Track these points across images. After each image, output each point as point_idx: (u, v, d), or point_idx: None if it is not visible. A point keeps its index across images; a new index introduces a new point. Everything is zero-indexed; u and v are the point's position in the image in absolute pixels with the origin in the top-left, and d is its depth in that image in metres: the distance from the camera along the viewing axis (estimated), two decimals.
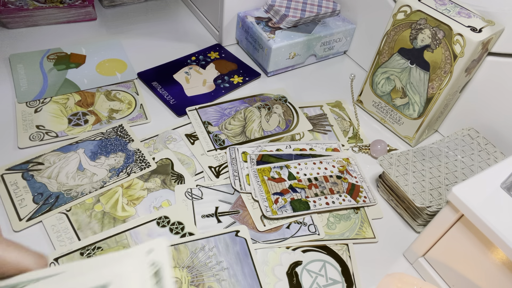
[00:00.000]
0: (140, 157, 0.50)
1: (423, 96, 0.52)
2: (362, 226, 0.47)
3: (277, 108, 0.59)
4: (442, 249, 0.40)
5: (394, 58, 0.54)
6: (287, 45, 0.62)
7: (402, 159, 0.48)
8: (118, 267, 0.21)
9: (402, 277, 0.36)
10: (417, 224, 0.47)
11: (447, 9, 0.48)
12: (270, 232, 0.45)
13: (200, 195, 0.47)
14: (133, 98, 0.58)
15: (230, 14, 0.67)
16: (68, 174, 0.47)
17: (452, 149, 0.50)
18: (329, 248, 0.44)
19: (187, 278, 0.39)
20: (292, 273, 0.42)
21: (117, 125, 0.54)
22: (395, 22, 0.51)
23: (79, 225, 0.43)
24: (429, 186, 0.46)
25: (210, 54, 0.68)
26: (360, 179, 0.51)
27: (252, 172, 0.49)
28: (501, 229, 0.32)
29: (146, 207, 0.45)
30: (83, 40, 0.67)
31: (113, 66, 0.63)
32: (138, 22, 0.74)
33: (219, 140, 0.53)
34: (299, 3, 0.66)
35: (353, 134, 0.58)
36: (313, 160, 0.51)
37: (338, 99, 0.63)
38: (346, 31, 0.67)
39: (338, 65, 0.71)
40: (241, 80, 0.64)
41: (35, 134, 0.51)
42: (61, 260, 0.40)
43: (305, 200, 0.47)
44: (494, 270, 0.36)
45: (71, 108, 0.55)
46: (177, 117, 0.57)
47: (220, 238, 0.43)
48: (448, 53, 0.47)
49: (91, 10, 0.71)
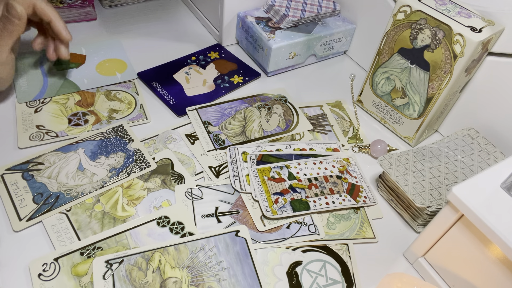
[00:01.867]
0: (140, 157, 0.50)
1: (423, 96, 0.52)
2: (362, 226, 0.47)
3: (277, 108, 0.59)
4: (442, 249, 0.40)
5: (394, 58, 0.54)
6: (287, 45, 0.62)
7: (402, 159, 0.48)
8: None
9: (402, 277, 0.36)
10: (417, 224, 0.47)
11: (447, 9, 0.48)
12: (270, 232, 0.45)
13: (200, 195, 0.47)
14: (133, 98, 0.58)
15: (230, 14, 0.67)
16: (68, 174, 0.47)
17: (452, 149, 0.50)
18: (329, 248, 0.44)
19: (187, 278, 0.39)
20: (292, 273, 0.42)
21: (117, 125, 0.54)
22: (395, 22, 0.51)
23: (79, 225, 0.43)
24: (429, 186, 0.46)
25: (210, 54, 0.68)
26: (360, 179, 0.51)
27: (252, 172, 0.49)
28: (501, 229, 0.32)
29: (146, 207, 0.45)
30: (83, 40, 0.66)
31: (113, 66, 0.63)
32: (138, 22, 0.74)
33: (219, 140, 0.54)
34: (299, 3, 0.66)
35: (353, 134, 0.58)
36: (313, 160, 0.51)
37: (338, 99, 0.63)
38: (346, 31, 0.67)
39: (338, 65, 0.71)
40: (241, 80, 0.64)
41: (35, 134, 0.51)
42: (61, 260, 0.40)
43: (305, 200, 0.47)
44: (494, 270, 0.36)
45: (71, 108, 0.55)
46: (177, 117, 0.57)
47: (220, 238, 0.43)
48: (448, 53, 0.47)
49: (91, 10, 0.71)
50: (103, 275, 0.39)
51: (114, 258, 0.40)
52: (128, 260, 0.40)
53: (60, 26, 0.49)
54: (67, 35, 0.50)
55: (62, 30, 0.49)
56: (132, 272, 0.39)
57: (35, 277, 0.38)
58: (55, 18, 0.49)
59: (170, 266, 0.40)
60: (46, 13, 0.48)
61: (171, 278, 0.39)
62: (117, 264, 0.40)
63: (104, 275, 0.39)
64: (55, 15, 0.49)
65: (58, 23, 0.49)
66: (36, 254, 0.40)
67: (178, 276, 0.39)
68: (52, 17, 0.48)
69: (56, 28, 0.49)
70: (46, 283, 0.38)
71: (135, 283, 0.39)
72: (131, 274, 0.39)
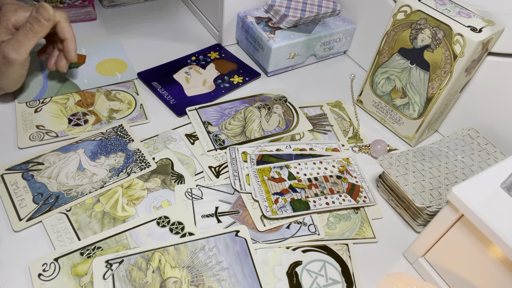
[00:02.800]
0: (140, 157, 0.50)
1: (423, 96, 0.52)
2: (362, 226, 0.47)
3: (277, 108, 0.59)
4: (442, 249, 0.40)
5: (394, 58, 0.54)
6: (287, 45, 0.62)
7: (402, 159, 0.48)
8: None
9: (402, 277, 0.36)
10: (417, 224, 0.47)
11: (447, 9, 0.48)
12: (270, 232, 0.45)
13: (200, 195, 0.47)
14: (133, 98, 0.58)
15: (230, 14, 0.67)
16: (68, 174, 0.47)
17: (452, 149, 0.50)
18: (329, 248, 0.44)
19: (187, 278, 0.39)
20: (292, 273, 0.42)
21: (117, 125, 0.54)
22: (395, 22, 0.51)
23: (79, 225, 0.43)
24: (429, 186, 0.46)
25: (210, 54, 0.68)
26: (360, 179, 0.51)
27: (252, 172, 0.49)
28: (501, 229, 0.32)
29: (146, 207, 0.45)
30: (83, 40, 0.66)
31: (113, 66, 0.63)
32: (138, 22, 0.74)
33: (219, 140, 0.53)
34: (299, 3, 0.66)
35: (353, 134, 0.58)
36: (313, 160, 0.51)
37: (338, 99, 0.63)
38: (346, 31, 0.67)
39: (338, 65, 0.71)
40: (241, 80, 0.64)
41: (35, 134, 0.51)
42: (61, 260, 0.40)
43: (305, 200, 0.47)
44: (494, 270, 0.36)
45: (71, 108, 0.55)
46: (177, 117, 0.57)
47: (220, 238, 0.43)
48: (448, 53, 0.47)
49: (91, 10, 0.71)
50: (103, 275, 0.39)
51: (114, 258, 0.40)
52: (128, 260, 0.40)
53: (72, 48, 0.53)
54: (74, 57, 0.53)
55: (72, 51, 0.53)
56: (132, 272, 0.39)
57: (35, 277, 0.38)
58: (71, 39, 0.52)
59: (170, 266, 0.40)
60: (65, 32, 0.51)
61: (171, 278, 0.39)
62: (117, 264, 0.40)
63: (104, 275, 0.39)
64: (71, 36, 0.52)
65: (72, 44, 0.52)
66: (36, 254, 0.40)
67: (178, 276, 0.40)
68: (69, 37, 0.52)
69: (68, 48, 0.52)
70: (46, 283, 0.38)
71: (135, 283, 0.39)
72: (131, 274, 0.39)
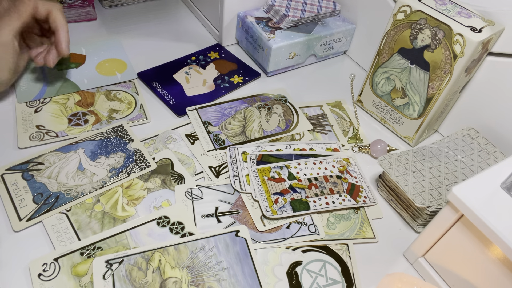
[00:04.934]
0: (140, 157, 0.50)
1: (423, 96, 0.52)
2: (362, 226, 0.47)
3: (277, 108, 0.59)
4: (442, 249, 0.40)
5: (394, 58, 0.54)
6: (287, 45, 0.62)
7: (402, 159, 0.48)
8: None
9: (402, 277, 0.36)
10: (417, 224, 0.47)
11: (447, 9, 0.48)
12: (270, 232, 0.45)
13: (200, 195, 0.47)
14: (133, 98, 0.58)
15: (230, 14, 0.67)
16: (68, 174, 0.47)
17: (452, 149, 0.50)
18: (329, 248, 0.44)
19: (187, 278, 0.39)
20: (292, 273, 0.42)
21: (117, 125, 0.54)
22: (395, 22, 0.51)
23: (79, 225, 0.43)
24: (429, 186, 0.46)
25: (210, 54, 0.68)
26: (360, 179, 0.51)
27: (252, 172, 0.49)
28: (501, 229, 0.32)
29: (146, 207, 0.45)
30: (83, 40, 0.66)
31: (113, 66, 0.63)
32: (138, 22, 0.74)
33: (219, 140, 0.53)
34: (299, 3, 0.66)
35: (353, 134, 0.58)
36: (313, 160, 0.51)
37: (338, 99, 0.63)
38: (346, 31, 0.67)
39: (338, 65, 0.71)
40: (241, 80, 0.64)
41: (35, 134, 0.51)
42: (61, 260, 0.40)
43: (305, 200, 0.47)
44: (494, 270, 0.36)
45: (71, 108, 0.55)
46: (177, 117, 0.57)
47: (220, 238, 0.43)
48: (448, 53, 0.47)
49: (91, 10, 0.71)
50: (103, 275, 0.39)
51: (114, 258, 0.40)
52: (128, 260, 0.40)
53: (64, 38, 0.49)
54: (65, 49, 0.50)
55: (63, 43, 0.49)
56: (132, 272, 0.39)
57: (35, 277, 0.38)
58: (63, 29, 0.49)
59: (170, 266, 0.40)
60: (57, 22, 0.48)
61: (171, 278, 0.39)
62: (117, 264, 0.40)
63: (104, 275, 0.39)
64: (63, 26, 0.49)
65: (63, 35, 0.49)
66: (36, 254, 0.40)
67: (178, 276, 0.40)
68: (61, 28, 0.49)
69: (59, 38, 0.49)
70: (46, 283, 0.38)
71: (135, 283, 0.39)
72: (131, 274, 0.39)
